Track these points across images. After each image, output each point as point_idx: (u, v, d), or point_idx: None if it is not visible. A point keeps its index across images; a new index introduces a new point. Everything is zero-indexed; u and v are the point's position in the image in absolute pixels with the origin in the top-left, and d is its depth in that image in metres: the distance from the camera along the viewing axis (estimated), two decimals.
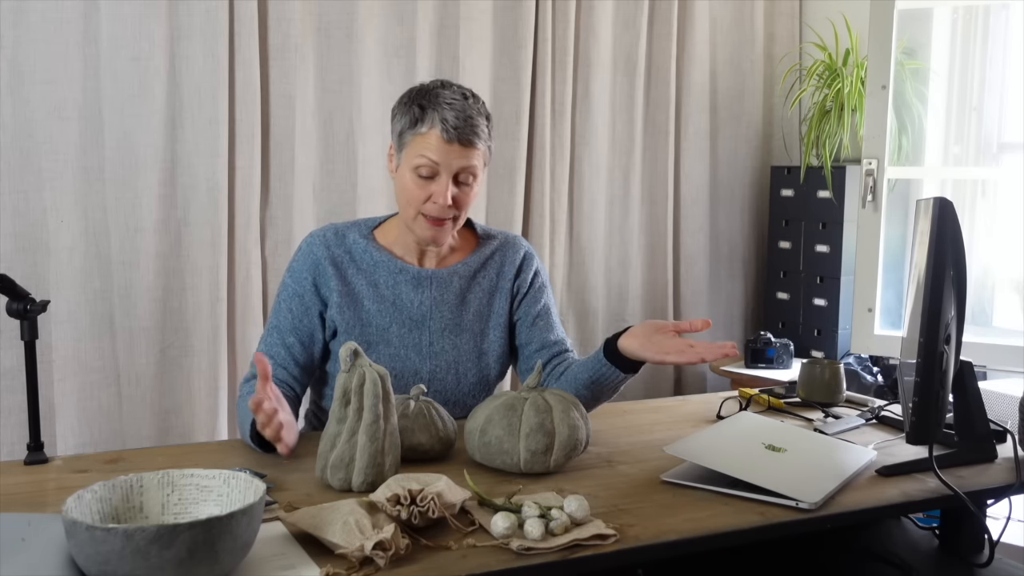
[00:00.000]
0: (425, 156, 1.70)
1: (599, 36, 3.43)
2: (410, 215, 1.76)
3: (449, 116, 1.69)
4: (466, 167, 1.72)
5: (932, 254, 1.45)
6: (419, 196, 1.73)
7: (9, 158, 2.59)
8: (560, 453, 1.50)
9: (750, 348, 3.35)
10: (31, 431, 1.56)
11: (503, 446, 1.49)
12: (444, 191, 1.70)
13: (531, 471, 1.50)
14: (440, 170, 1.70)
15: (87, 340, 2.71)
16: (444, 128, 1.69)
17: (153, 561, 1.01)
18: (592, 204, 3.50)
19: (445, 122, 1.69)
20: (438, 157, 1.70)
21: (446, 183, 1.71)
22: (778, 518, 1.34)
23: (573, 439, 1.51)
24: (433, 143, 1.70)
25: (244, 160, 2.88)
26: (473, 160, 1.73)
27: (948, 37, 3.29)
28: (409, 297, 1.80)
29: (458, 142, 1.69)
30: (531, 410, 1.51)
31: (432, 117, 1.70)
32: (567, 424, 1.51)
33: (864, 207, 3.09)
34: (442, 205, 1.71)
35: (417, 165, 1.71)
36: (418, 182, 1.72)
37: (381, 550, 1.13)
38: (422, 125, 1.71)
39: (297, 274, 1.80)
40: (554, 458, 1.49)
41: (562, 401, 1.54)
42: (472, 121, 1.71)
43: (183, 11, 2.74)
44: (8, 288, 1.54)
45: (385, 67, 3.07)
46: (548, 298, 1.94)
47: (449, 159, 1.70)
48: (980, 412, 1.63)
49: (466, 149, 1.71)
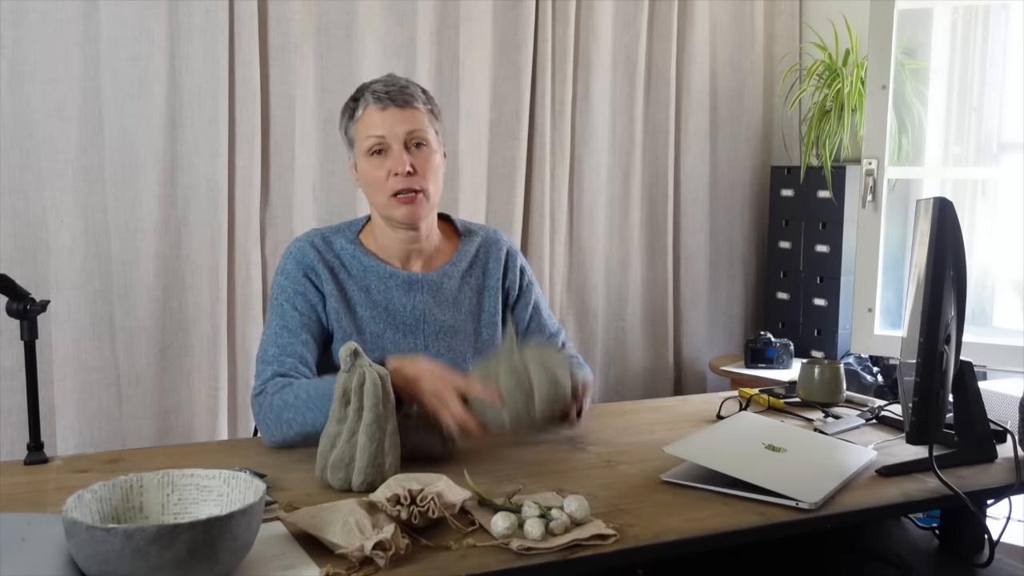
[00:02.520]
0: (371, 134, 1.71)
1: (599, 36, 3.43)
2: (382, 202, 1.74)
3: (377, 87, 1.72)
4: (412, 131, 1.72)
5: (932, 254, 1.45)
6: (380, 177, 1.72)
7: (9, 158, 2.59)
8: (544, 407, 1.52)
9: (750, 348, 3.35)
10: (31, 431, 1.56)
11: (485, 410, 1.51)
12: (400, 158, 1.70)
13: (519, 430, 1.53)
14: (388, 140, 1.71)
15: (87, 340, 2.71)
16: (376, 98, 1.71)
17: (153, 561, 1.01)
18: (592, 204, 3.50)
19: (375, 93, 1.72)
20: (381, 128, 1.71)
21: (399, 151, 1.70)
22: (778, 518, 1.34)
23: (554, 393, 1.52)
24: (372, 118, 1.71)
25: (244, 160, 2.88)
26: (417, 123, 1.72)
27: (948, 37, 3.29)
28: (401, 302, 1.78)
29: (393, 104, 1.70)
30: (506, 372, 1.52)
31: (364, 99, 1.73)
32: (546, 379, 1.52)
33: (864, 207, 3.09)
34: (402, 174, 1.70)
35: (368, 147, 1.72)
36: (374, 163, 1.72)
37: (381, 550, 1.13)
38: (359, 111, 1.74)
39: (292, 275, 1.75)
40: (538, 412, 1.51)
41: (536, 356, 1.55)
42: (402, 85, 1.73)
43: (183, 11, 2.75)
44: (8, 288, 1.54)
45: (385, 67, 3.07)
46: (536, 294, 1.94)
47: (392, 126, 1.70)
48: (980, 412, 1.63)
49: (404, 111, 1.71)
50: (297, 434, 1.60)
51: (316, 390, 1.58)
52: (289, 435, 1.61)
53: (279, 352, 1.68)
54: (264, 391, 1.65)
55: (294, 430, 1.59)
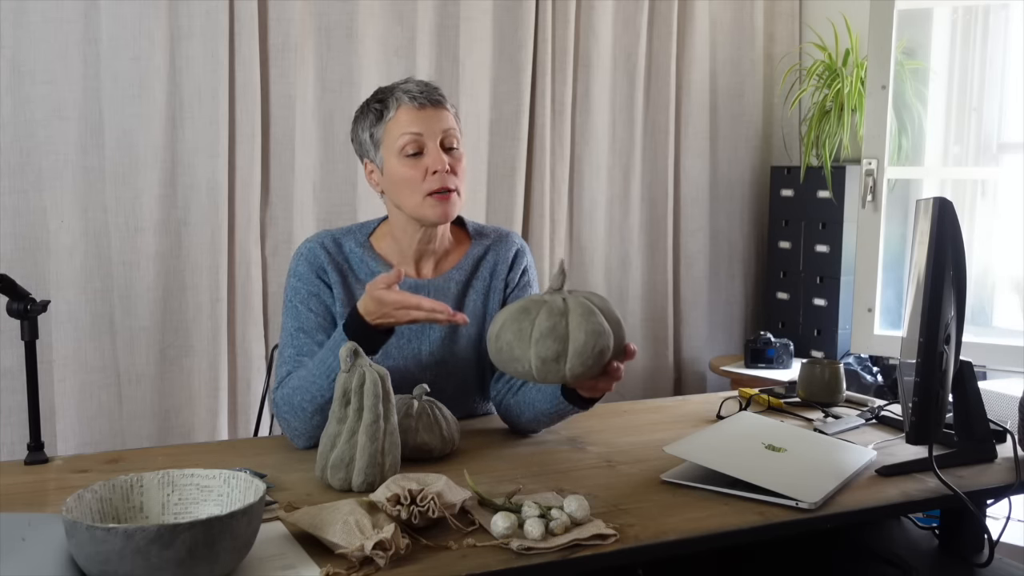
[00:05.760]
0: (407, 132, 1.69)
1: (599, 36, 3.43)
2: (416, 202, 1.70)
3: (410, 88, 1.71)
4: (447, 129, 1.71)
5: (932, 254, 1.45)
6: (417, 177, 1.69)
7: (9, 158, 2.59)
8: (576, 361, 1.38)
9: (750, 348, 3.35)
10: (31, 431, 1.56)
11: (514, 352, 1.40)
12: (438, 156, 1.68)
13: (546, 380, 1.41)
14: (425, 139, 1.69)
15: (87, 340, 2.72)
16: (411, 98, 1.69)
17: (153, 561, 1.01)
18: (592, 204, 3.50)
19: (409, 92, 1.70)
20: (419, 126, 1.69)
21: (436, 149, 1.69)
22: (778, 518, 1.34)
23: (592, 346, 1.38)
24: (408, 117, 1.69)
25: (244, 160, 2.88)
26: (450, 122, 1.72)
27: (948, 37, 3.29)
28: None
29: (430, 104, 1.69)
30: (545, 313, 1.40)
31: (394, 99, 1.71)
32: (585, 329, 1.38)
33: (864, 207, 3.09)
34: (442, 171, 1.68)
35: (402, 145, 1.69)
36: (409, 163, 1.69)
37: (381, 550, 1.13)
38: (388, 112, 1.71)
39: (305, 277, 1.74)
40: (569, 366, 1.38)
41: (582, 304, 1.41)
42: (432, 86, 1.73)
43: (183, 11, 2.75)
44: (8, 288, 1.54)
45: (385, 67, 3.07)
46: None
47: (430, 124, 1.69)
48: (980, 412, 1.63)
49: (439, 111, 1.71)
50: (313, 412, 1.58)
51: (315, 361, 1.59)
52: (306, 417, 1.58)
53: (295, 352, 1.69)
54: (278, 388, 1.66)
55: (308, 411, 1.58)
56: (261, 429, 2.24)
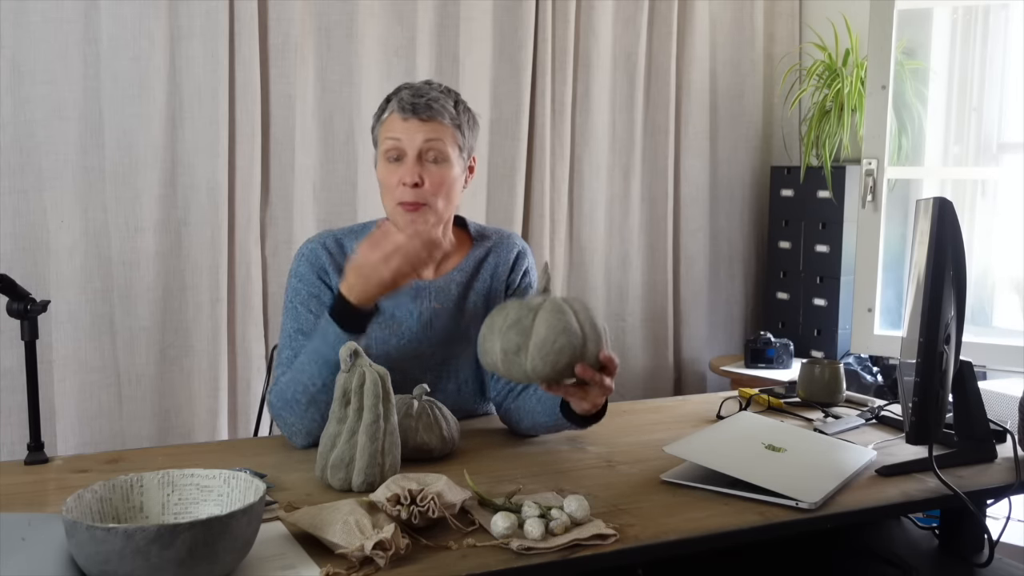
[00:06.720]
0: (389, 138, 1.70)
1: (599, 36, 3.43)
2: (390, 206, 1.73)
3: (405, 95, 1.70)
4: (431, 141, 1.68)
5: (932, 254, 1.45)
6: (391, 182, 1.70)
7: (9, 158, 2.59)
8: (536, 354, 1.38)
9: (750, 348, 3.35)
10: (31, 431, 1.56)
11: (484, 344, 1.44)
12: (411, 169, 1.67)
13: (511, 374, 1.42)
14: (404, 148, 1.68)
15: (87, 340, 2.72)
16: (400, 106, 1.69)
17: (153, 561, 1.01)
18: (592, 204, 3.50)
19: (401, 100, 1.70)
20: (399, 134, 1.69)
21: (412, 161, 1.68)
22: (778, 518, 1.34)
23: (552, 341, 1.38)
24: (394, 124, 1.70)
25: (244, 160, 2.88)
26: (436, 135, 1.69)
27: (948, 37, 3.29)
28: (407, 309, 1.76)
29: (415, 116, 1.68)
30: (516, 307, 1.42)
31: (393, 102, 1.72)
32: (548, 324, 1.38)
33: (864, 207, 3.09)
34: (408, 184, 1.67)
35: (385, 150, 1.71)
36: (389, 168, 1.71)
37: (381, 550, 1.13)
38: (384, 113, 1.73)
39: (306, 278, 1.74)
40: (530, 359, 1.39)
41: (556, 304, 1.41)
42: (431, 97, 1.70)
43: (183, 11, 2.75)
44: (8, 288, 1.54)
45: (385, 67, 3.07)
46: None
47: (410, 135, 1.68)
48: (980, 412, 1.63)
49: (425, 124, 1.68)
50: (308, 404, 1.57)
51: (305, 352, 1.59)
52: (300, 411, 1.58)
53: (293, 354, 1.68)
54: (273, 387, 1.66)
55: (302, 403, 1.57)
56: (261, 429, 2.24)
